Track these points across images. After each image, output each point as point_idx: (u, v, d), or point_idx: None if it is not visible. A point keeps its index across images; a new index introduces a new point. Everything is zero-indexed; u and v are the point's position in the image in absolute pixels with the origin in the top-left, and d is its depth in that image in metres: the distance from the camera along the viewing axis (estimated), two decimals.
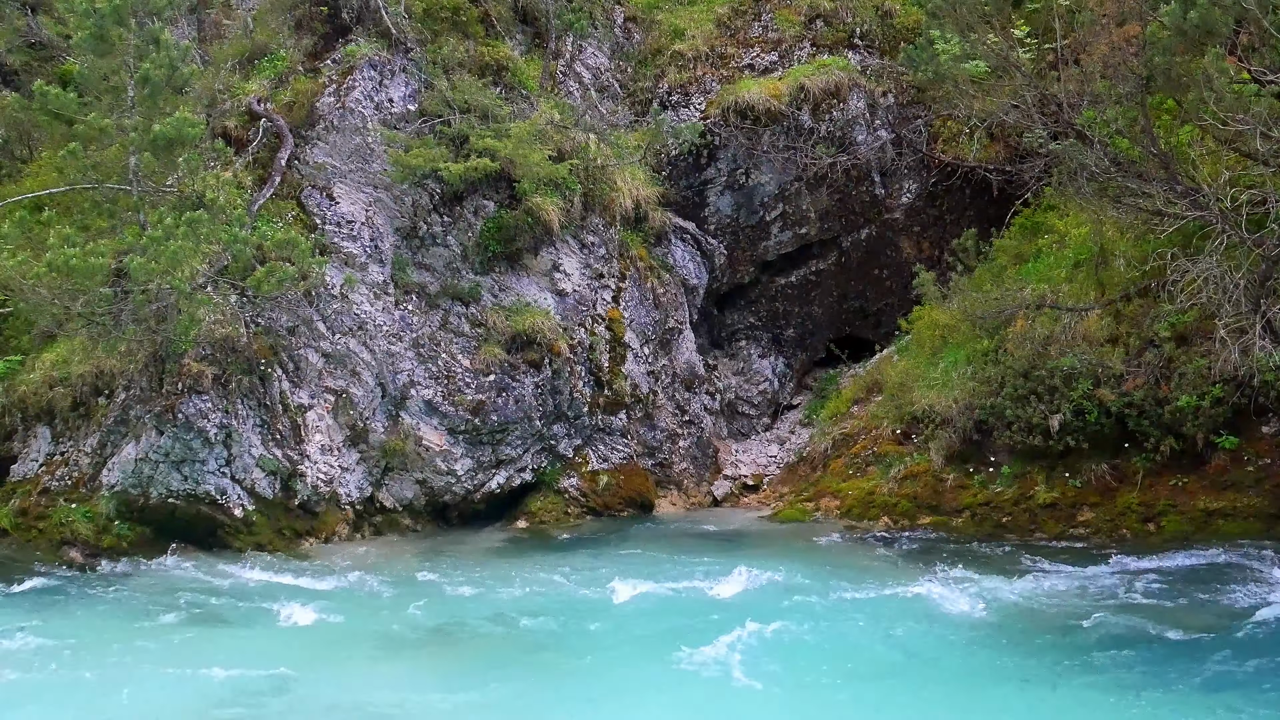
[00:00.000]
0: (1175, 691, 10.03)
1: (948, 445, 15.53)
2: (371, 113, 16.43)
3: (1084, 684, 10.24)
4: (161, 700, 10.26)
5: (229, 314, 14.78)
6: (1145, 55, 12.85)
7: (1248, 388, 13.67)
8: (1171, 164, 13.25)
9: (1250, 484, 13.97)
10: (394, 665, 11.06)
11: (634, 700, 10.27)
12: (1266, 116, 12.19)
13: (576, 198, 16.89)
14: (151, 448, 14.57)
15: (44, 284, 13.16)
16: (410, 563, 14.31)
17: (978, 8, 14.40)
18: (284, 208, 15.88)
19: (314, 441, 15.40)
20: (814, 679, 10.47)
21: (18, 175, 17.67)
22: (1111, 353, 14.63)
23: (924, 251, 18.77)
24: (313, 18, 16.96)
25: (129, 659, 11.17)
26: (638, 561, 14.10)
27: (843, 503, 15.95)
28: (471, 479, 16.16)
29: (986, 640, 11.23)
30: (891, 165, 18.82)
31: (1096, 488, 14.58)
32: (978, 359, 15.69)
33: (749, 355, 19.09)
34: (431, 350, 16.15)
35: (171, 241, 13.20)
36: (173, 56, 14.30)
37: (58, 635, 11.84)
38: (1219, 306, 13.02)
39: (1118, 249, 15.27)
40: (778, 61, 19.09)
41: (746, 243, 18.76)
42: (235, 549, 14.64)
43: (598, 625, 11.95)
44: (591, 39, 19.02)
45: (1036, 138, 14.50)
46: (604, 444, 16.91)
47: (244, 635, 11.91)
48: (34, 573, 13.83)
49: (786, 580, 13.01)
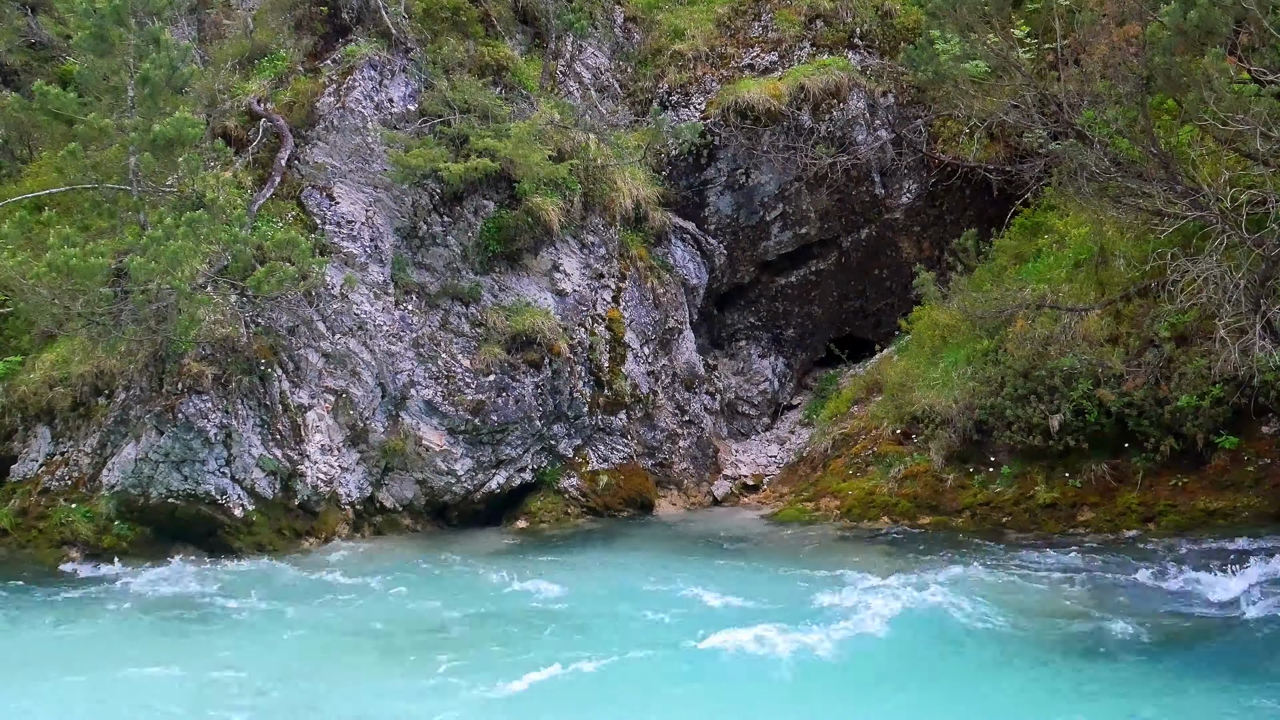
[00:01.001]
0: (1180, 689, 10.05)
1: (948, 445, 15.53)
2: (371, 113, 16.43)
3: (1096, 679, 10.25)
4: (161, 701, 10.24)
5: (229, 314, 14.78)
6: (1145, 55, 12.84)
7: (1248, 388, 13.67)
8: (1171, 164, 13.25)
9: (1250, 484, 13.96)
10: (394, 665, 11.05)
11: (638, 700, 10.27)
12: (1266, 116, 12.19)
13: (576, 198, 16.89)
14: (151, 448, 14.56)
15: (44, 284, 13.15)
16: (411, 563, 14.31)
17: (978, 8, 14.39)
18: (284, 208, 15.88)
19: (314, 441, 15.40)
20: (814, 679, 10.48)
21: (18, 175, 17.67)
22: (1111, 353, 14.63)
23: (924, 251, 18.77)
24: (313, 18, 16.96)
25: (128, 659, 11.15)
26: (638, 561, 14.11)
27: (843, 503, 15.95)
28: (471, 479, 16.16)
29: (986, 641, 11.23)
30: (891, 165, 18.82)
31: (1096, 488, 14.58)
32: (978, 359, 15.69)
33: (749, 355, 19.09)
34: (431, 350, 16.15)
35: (171, 241, 13.19)
36: (173, 56, 14.31)
37: (57, 635, 11.86)
38: (1219, 306, 13.02)
39: (1118, 249, 15.27)
40: (778, 61, 19.09)
41: (746, 243, 18.76)
42: (235, 549, 14.64)
43: (598, 625, 11.95)
44: (591, 39, 19.02)
45: (1036, 138, 14.49)
46: (604, 444, 16.91)
47: (244, 636, 11.90)
48: (34, 573, 13.84)
49: (787, 580, 13.02)
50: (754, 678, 10.48)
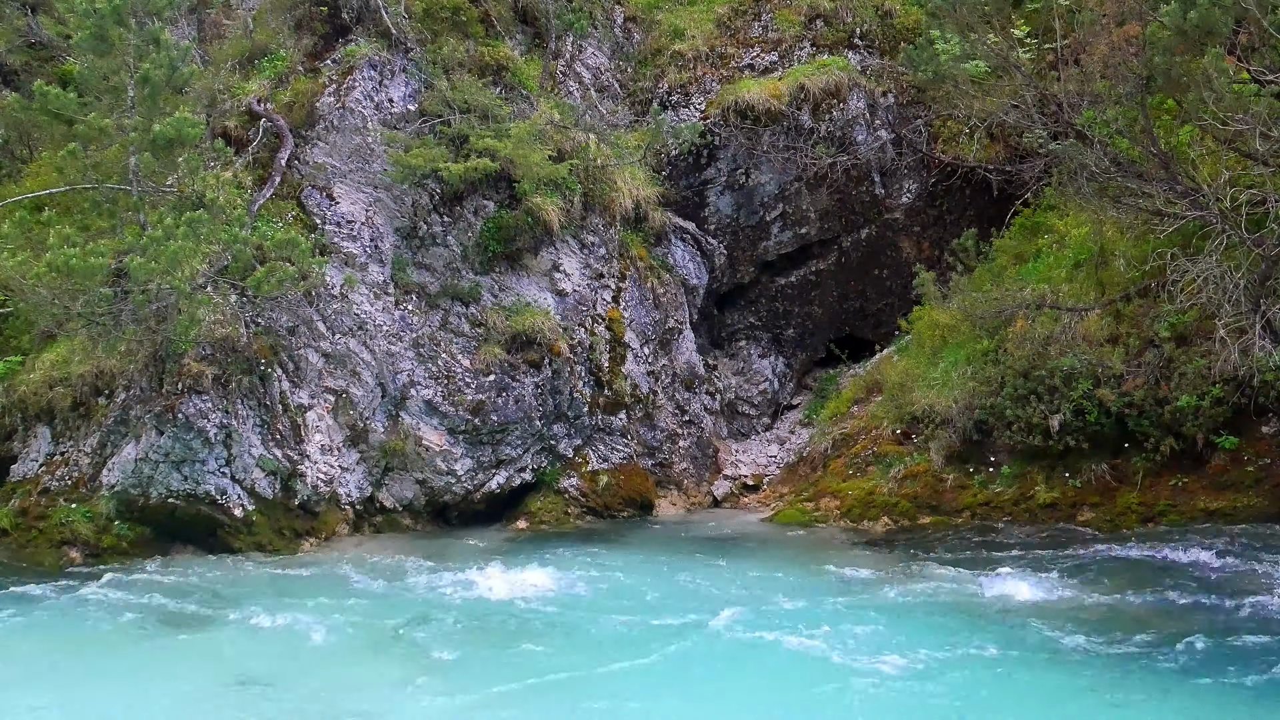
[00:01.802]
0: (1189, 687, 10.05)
1: (948, 445, 15.53)
2: (371, 113, 16.43)
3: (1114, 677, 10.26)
4: (161, 701, 10.24)
5: (229, 314, 14.78)
6: (1145, 55, 12.85)
7: (1248, 388, 13.67)
8: (1171, 164, 13.26)
9: (1250, 484, 13.97)
10: (394, 665, 11.04)
11: (638, 700, 10.27)
12: (1266, 116, 12.20)
13: (576, 198, 16.90)
14: (151, 448, 14.56)
15: (44, 284, 13.15)
16: (411, 563, 14.29)
17: (978, 8, 14.42)
18: (284, 208, 15.88)
19: (314, 441, 15.41)
20: (814, 678, 10.48)
21: (18, 175, 17.66)
22: (1111, 353, 14.64)
23: (924, 251, 18.77)
24: (313, 18, 16.96)
25: (128, 659, 11.16)
26: (638, 561, 14.10)
27: (843, 503, 15.94)
28: (471, 479, 16.16)
29: (987, 640, 11.23)
30: (891, 165, 18.83)
31: (1096, 488, 14.59)
32: (978, 359, 15.69)
33: (749, 355, 19.09)
34: (431, 350, 16.15)
35: (171, 241, 13.19)
36: (173, 56, 14.31)
37: (56, 636, 11.84)
38: (1219, 306, 13.03)
39: (1118, 249, 15.27)
40: (778, 61, 19.09)
41: (746, 243, 18.77)
42: (235, 549, 14.64)
43: (598, 625, 11.95)
44: (591, 39, 19.02)
45: (1036, 138, 14.51)
46: (604, 444, 16.91)
47: (244, 636, 11.89)
48: (34, 573, 13.83)
49: (788, 582, 13.02)
50: (754, 677, 10.48)
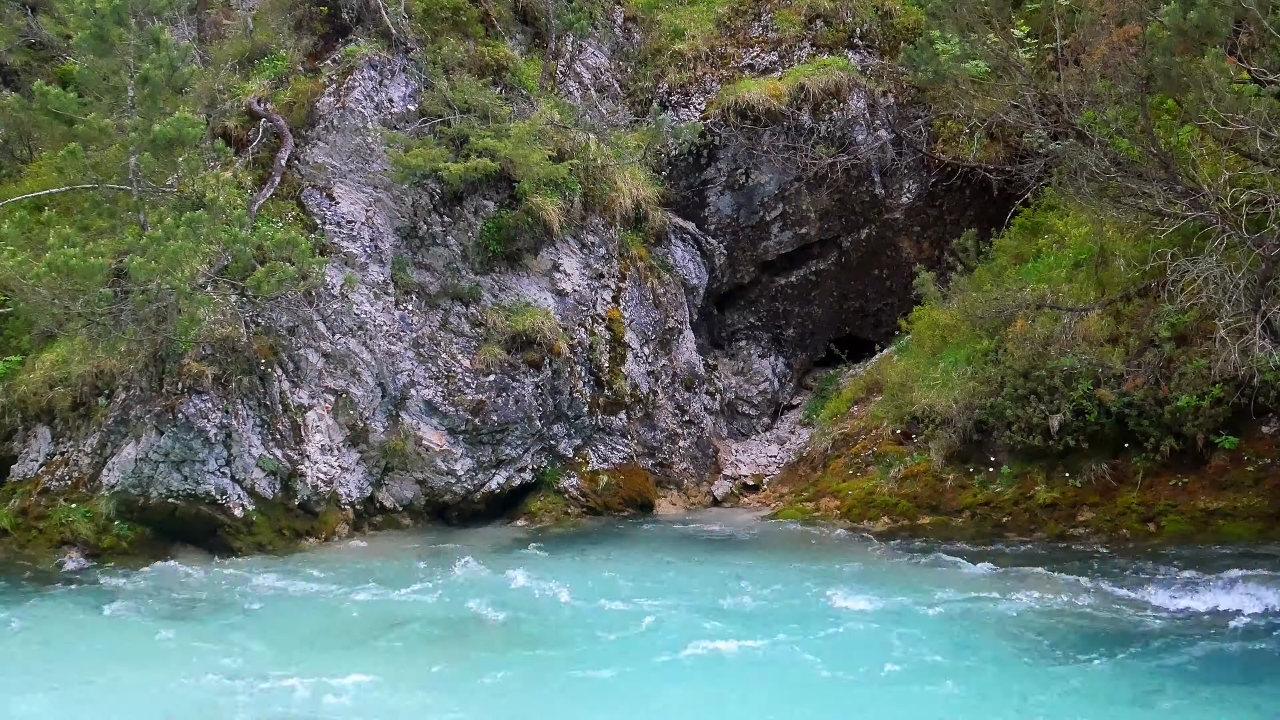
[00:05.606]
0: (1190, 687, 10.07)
1: (948, 445, 15.52)
2: (371, 113, 16.43)
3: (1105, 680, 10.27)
4: (161, 701, 10.25)
5: (229, 314, 14.78)
6: (1145, 55, 12.84)
7: (1248, 388, 13.66)
8: (1171, 164, 13.25)
9: (1250, 484, 13.96)
10: (393, 664, 11.05)
11: (637, 700, 10.27)
12: (1266, 116, 12.18)
13: (576, 198, 16.90)
14: (151, 448, 14.57)
15: (44, 284, 13.16)
16: (410, 563, 14.31)
17: (978, 8, 14.40)
18: (284, 208, 15.88)
19: (314, 441, 15.41)
20: (813, 678, 10.49)
21: (18, 175, 17.67)
22: (1111, 353, 14.63)
23: (924, 251, 18.77)
24: (313, 18, 16.96)
25: (128, 659, 11.17)
26: (637, 561, 14.10)
27: (843, 503, 15.94)
28: (471, 479, 16.16)
29: (989, 639, 11.24)
30: (891, 165, 18.82)
31: (1096, 488, 14.58)
32: (978, 359, 15.69)
33: (749, 355, 19.09)
34: (431, 350, 16.15)
35: (171, 241, 13.20)
36: (173, 56, 14.31)
37: (56, 636, 11.85)
38: (1219, 306, 13.01)
39: (1118, 249, 15.26)
40: (778, 61, 19.09)
41: (746, 243, 18.76)
42: (235, 549, 14.64)
43: (597, 624, 11.95)
44: (591, 39, 19.02)
45: (1036, 138, 14.49)
46: (604, 444, 16.91)
47: (244, 635, 11.90)
48: (34, 573, 13.84)
49: (787, 580, 13.02)
50: (753, 677, 10.48)
